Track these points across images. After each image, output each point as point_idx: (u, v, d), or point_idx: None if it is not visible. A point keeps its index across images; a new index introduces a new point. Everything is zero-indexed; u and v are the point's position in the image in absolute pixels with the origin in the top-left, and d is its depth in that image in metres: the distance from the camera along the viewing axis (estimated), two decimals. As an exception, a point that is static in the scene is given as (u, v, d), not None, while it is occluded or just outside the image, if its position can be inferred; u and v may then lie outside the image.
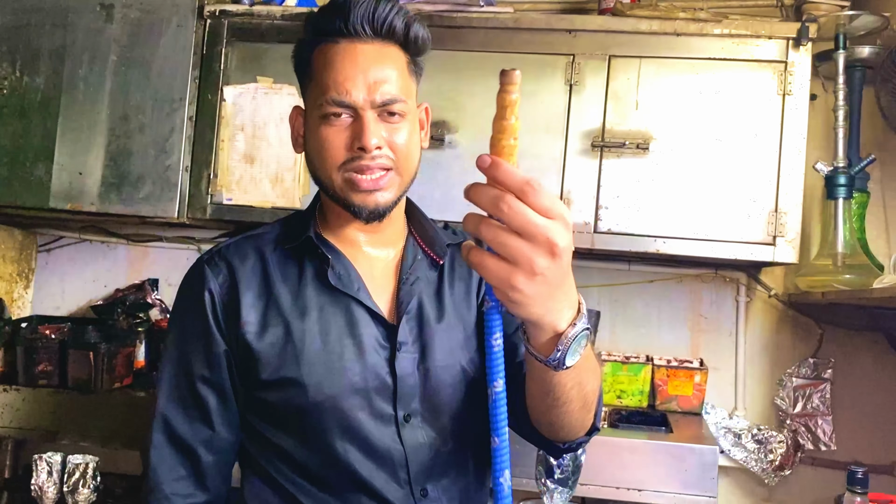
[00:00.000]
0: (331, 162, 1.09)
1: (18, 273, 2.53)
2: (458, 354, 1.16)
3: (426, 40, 1.15)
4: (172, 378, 1.14)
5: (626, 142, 1.93)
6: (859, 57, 2.03)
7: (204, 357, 1.12)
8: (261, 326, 1.10)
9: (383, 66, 1.09)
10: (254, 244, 1.16)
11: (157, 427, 1.13)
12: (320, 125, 1.09)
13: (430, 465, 1.12)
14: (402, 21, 1.11)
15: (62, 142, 2.05)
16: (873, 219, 2.15)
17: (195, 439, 1.13)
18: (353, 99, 1.07)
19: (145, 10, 2.06)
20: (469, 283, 1.23)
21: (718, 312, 2.32)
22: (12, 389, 2.06)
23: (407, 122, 1.11)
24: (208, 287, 1.12)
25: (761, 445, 2.20)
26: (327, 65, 1.09)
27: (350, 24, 1.08)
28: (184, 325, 1.15)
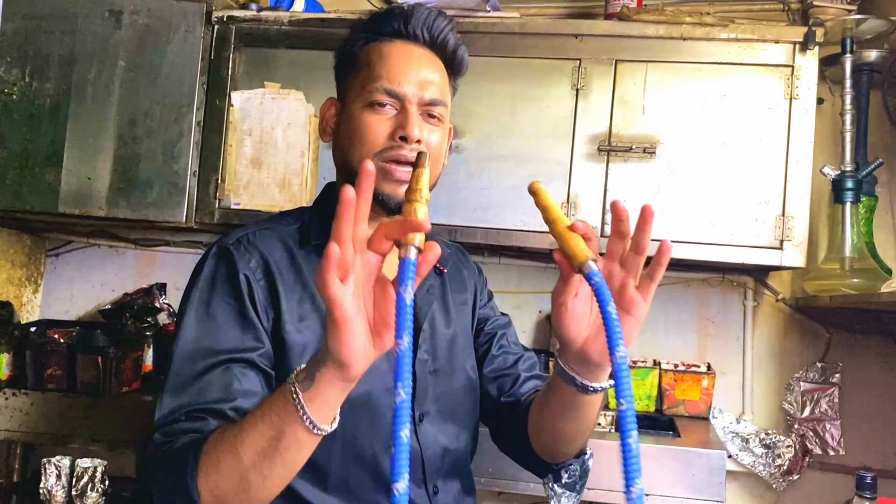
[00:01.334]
0: (368, 147, 1.11)
1: (27, 277, 2.54)
2: (461, 360, 1.24)
3: (466, 65, 1.22)
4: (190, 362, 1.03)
5: (633, 146, 1.93)
6: (866, 61, 2.03)
7: (236, 336, 1.04)
8: (299, 317, 1.09)
9: (434, 70, 1.15)
10: (277, 236, 1.15)
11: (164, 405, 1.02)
12: (363, 112, 1.12)
13: (440, 464, 1.17)
14: (454, 39, 1.18)
15: (71, 147, 2.06)
16: (881, 222, 2.14)
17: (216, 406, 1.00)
18: (403, 90, 1.11)
19: (154, 16, 2.07)
20: (465, 293, 1.31)
21: (726, 317, 2.32)
22: (21, 393, 2.07)
23: (443, 128, 1.16)
24: (242, 271, 1.07)
25: (769, 450, 2.19)
26: (381, 58, 1.13)
27: (410, 27, 1.14)
28: (208, 308, 1.06)
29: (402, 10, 1.15)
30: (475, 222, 1.98)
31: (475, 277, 1.38)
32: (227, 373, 1.01)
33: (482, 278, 1.40)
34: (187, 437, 0.94)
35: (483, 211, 1.99)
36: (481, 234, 1.99)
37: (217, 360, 1.02)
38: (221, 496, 0.87)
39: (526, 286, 2.38)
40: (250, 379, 1.03)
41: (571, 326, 0.95)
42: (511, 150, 1.99)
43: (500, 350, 1.31)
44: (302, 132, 2.06)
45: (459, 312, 1.27)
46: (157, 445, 0.97)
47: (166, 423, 0.99)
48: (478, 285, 1.37)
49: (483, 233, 1.99)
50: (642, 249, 0.90)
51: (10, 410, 2.06)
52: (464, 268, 1.36)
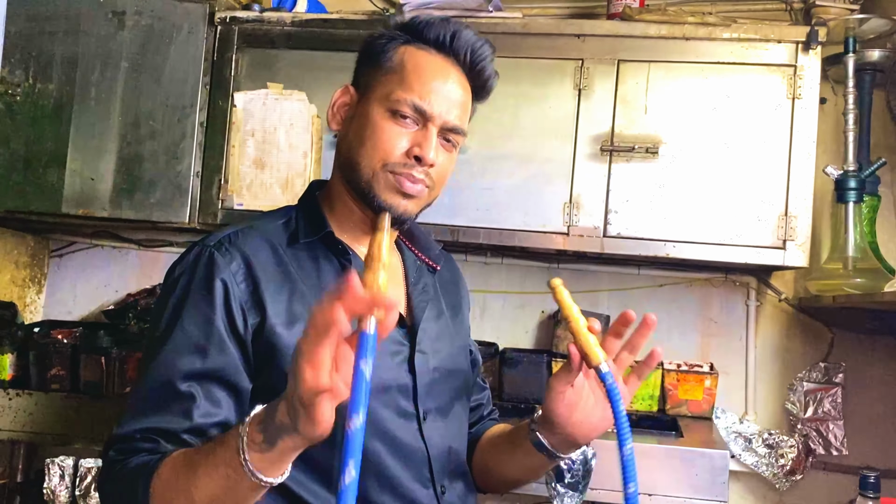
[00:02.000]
0: (380, 156, 1.08)
1: (31, 278, 2.54)
2: (458, 360, 1.25)
3: (489, 94, 1.19)
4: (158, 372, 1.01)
5: (636, 146, 1.93)
6: (869, 60, 2.02)
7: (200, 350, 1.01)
8: (288, 318, 1.05)
9: (463, 97, 1.12)
10: (262, 236, 1.11)
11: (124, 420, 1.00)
12: (385, 117, 1.08)
13: (446, 463, 1.16)
14: (491, 69, 1.15)
15: (74, 148, 2.07)
16: (884, 222, 2.14)
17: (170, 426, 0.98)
18: (430, 110, 1.08)
19: (156, 17, 2.08)
20: (458, 298, 1.33)
21: (728, 317, 2.32)
22: (25, 394, 2.08)
23: (455, 154, 1.15)
24: (221, 276, 1.03)
25: (772, 450, 2.19)
26: (419, 67, 1.10)
27: (455, 44, 1.11)
28: (181, 317, 1.03)
29: (452, 26, 1.12)
30: (478, 223, 1.98)
31: (466, 287, 1.39)
32: (189, 391, 0.99)
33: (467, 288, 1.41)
34: (138, 460, 0.94)
35: (486, 211, 1.99)
36: (484, 234, 1.99)
37: (182, 375, 0.99)
38: None
39: (529, 286, 2.38)
40: (214, 397, 1.00)
41: (564, 412, 1.06)
42: (513, 150, 1.99)
43: (476, 386, 1.36)
44: (304, 133, 2.06)
45: (453, 316, 1.28)
46: (111, 463, 0.97)
47: (122, 439, 0.98)
48: (467, 295, 1.39)
49: (486, 233, 1.99)
50: (636, 350, 1.01)
51: (13, 411, 2.07)
52: (455, 274, 1.37)
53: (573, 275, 2.33)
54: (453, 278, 1.35)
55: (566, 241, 1.96)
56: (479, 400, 1.37)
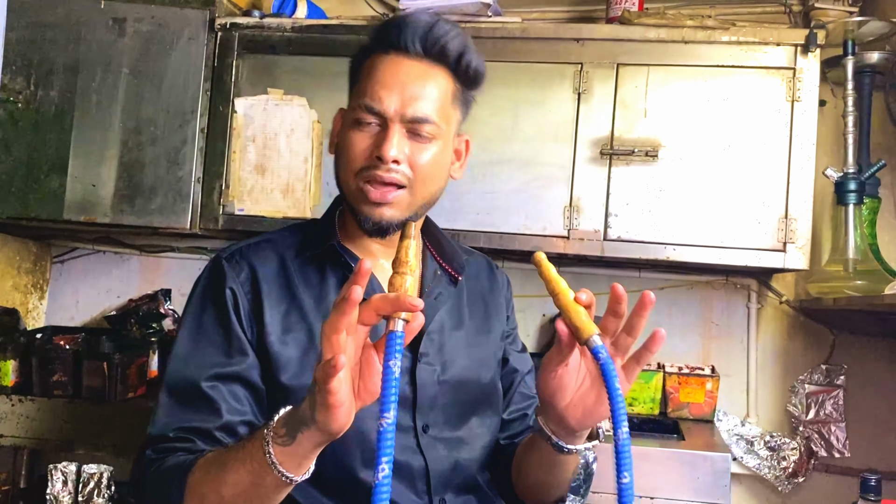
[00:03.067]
0: (350, 166, 1.09)
1: (33, 284, 2.55)
2: (478, 371, 1.20)
3: (479, 72, 1.15)
4: (183, 374, 1.07)
5: (635, 149, 1.94)
6: (868, 62, 2.03)
7: (223, 351, 1.07)
8: (283, 329, 1.09)
9: (423, 85, 1.08)
10: (273, 248, 1.15)
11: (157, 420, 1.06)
12: (349, 129, 1.10)
13: (449, 477, 1.14)
14: (456, 47, 1.10)
15: (76, 154, 2.08)
16: (885, 224, 2.14)
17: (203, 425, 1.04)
18: (383, 107, 1.06)
19: (157, 23, 2.08)
20: (488, 303, 1.28)
21: (729, 319, 2.32)
22: (27, 400, 2.08)
23: (435, 146, 1.10)
24: (229, 285, 1.09)
25: (774, 452, 2.19)
26: (371, 72, 1.09)
27: (402, 39, 1.08)
28: (201, 322, 1.10)
29: (400, 20, 1.10)
30: (478, 226, 1.99)
31: (506, 294, 1.35)
32: (215, 391, 1.04)
33: (511, 297, 1.37)
34: (175, 459, 0.99)
35: (486, 215, 2.00)
36: (484, 238, 1.99)
37: (206, 377, 1.05)
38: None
39: (529, 290, 2.38)
40: (237, 395, 1.06)
41: (556, 393, 0.96)
42: (513, 154, 1.99)
43: (518, 395, 1.31)
44: (305, 138, 2.06)
45: (478, 327, 1.24)
46: (148, 462, 1.02)
47: (158, 439, 1.04)
48: (508, 306, 1.35)
49: (486, 237, 1.99)
50: (635, 332, 0.90)
51: (16, 417, 2.07)
52: (491, 283, 1.33)
53: (574, 278, 2.32)
54: (491, 286, 1.31)
55: (567, 245, 1.96)
56: (523, 410, 1.30)
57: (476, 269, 1.31)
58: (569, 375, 0.95)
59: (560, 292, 0.89)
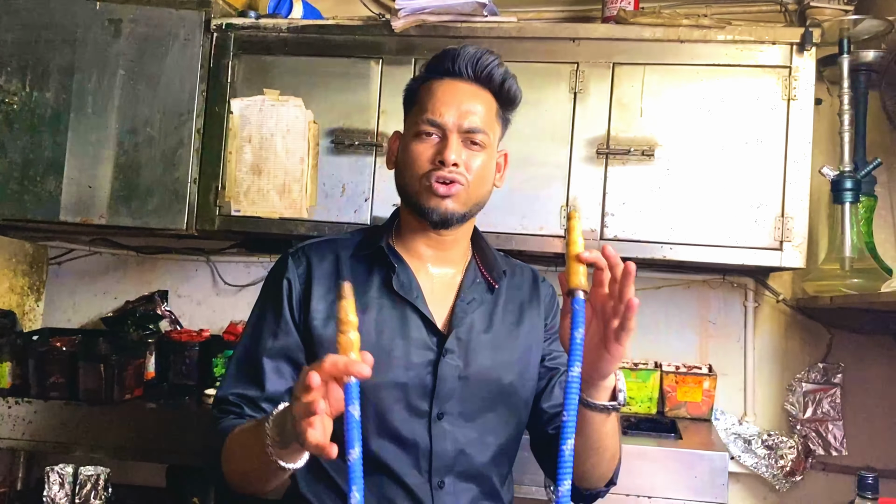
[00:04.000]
0: (416, 170, 1.27)
1: (30, 286, 2.55)
2: (499, 371, 1.30)
3: (517, 96, 1.35)
4: (245, 348, 1.30)
5: (632, 149, 1.94)
6: (864, 61, 2.03)
7: (273, 332, 1.28)
8: (326, 316, 1.27)
9: (475, 102, 1.29)
10: (332, 247, 1.34)
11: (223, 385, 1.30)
12: (413, 141, 1.28)
13: (452, 463, 1.26)
14: (500, 74, 1.31)
15: (72, 156, 2.07)
16: (881, 222, 2.14)
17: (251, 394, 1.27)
18: (444, 120, 1.26)
19: (152, 24, 2.08)
20: (524, 311, 1.38)
21: (727, 318, 2.32)
22: (24, 402, 2.07)
23: (484, 154, 1.29)
24: (287, 276, 1.30)
25: (772, 451, 2.19)
26: (430, 94, 1.29)
27: (456, 66, 1.29)
28: (264, 305, 1.32)
29: (454, 50, 1.31)
30: (475, 226, 1.99)
31: (546, 304, 1.43)
32: (264, 366, 1.27)
33: (555, 305, 1.46)
34: (226, 423, 1.24)
35: (483, 214, 1.94)
36: (481, 238, 1.99)
37: (259, 354, 1.28)
38: (237, 481, 1.20)
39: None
40: (282, 370, 1.28)
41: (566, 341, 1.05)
42: (510, 153, 1.98)
43: (559, 388, 1.37)
44: (301, 138, 2.06)
45: (509, 332, 1.34)
46: (213, 419, 1.28)
47: (220, 401, 1.28)
48: (549, 314, 1.43)
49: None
50: (622, 298, 1.01)
51: (13, 419, 2.07)
52: (532, 293, 1.42)
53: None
54: (531, 296, 1.41)
55: (563, 244, 1.96)
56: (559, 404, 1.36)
57: (520, 279, 1.43)
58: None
59: (570, 243, 0.99)
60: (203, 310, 2.54)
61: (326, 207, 2.05)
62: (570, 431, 0.94)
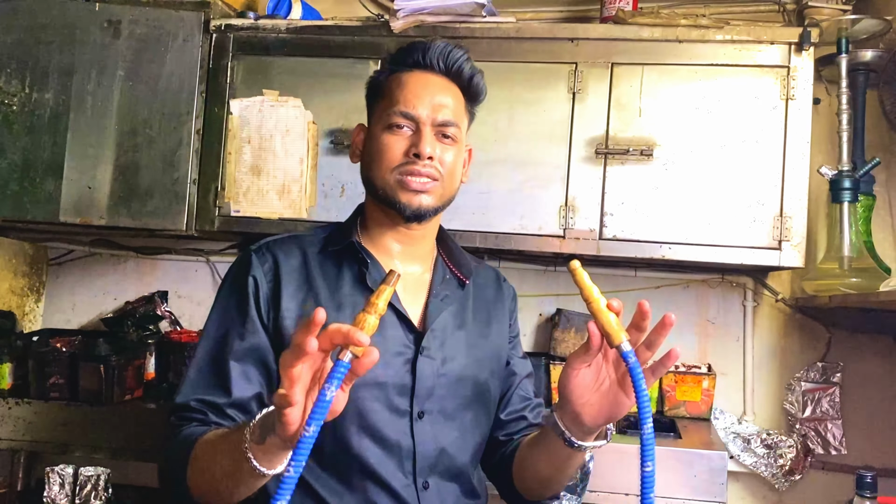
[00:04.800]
0: (386, 164, 1.23)
1: (30, 287, 2.55)
2: (474, 369, 1.30)
3: (483, 91, 1.33)
4: (207, 351, 1.23)
5: (630, 149, 1.94)
6: (862, 60, 2.03)
7: (238, 334, 1.21)
8: (298, 315, 1.22)
9: (447, 95, 1.27)
10: (298, 243, 1.29)
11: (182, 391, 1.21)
12: (384, 133, 1.25)
13: (435, 462, 1.24)
14: (469, 68, 1.30)
15: (71, 156, 2.07)
16: (880, 221, 2.15)
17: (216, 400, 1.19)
18: (417, 113, 1.23)
19: (152, 25, 2.08)
20: (491, 311, 1.38)
21: (726, 317, 2.32)
22: (24, 402, 2.08)
23: (456, 148, 1.27)
24: (252, 273, 1.24)
25: (771, 450, 2.19)
26: (401, 86, 1.26)
27: (427, 58, 1.27)
28: (226, 305, 1.25)
29: (423, 43, 1.29)
30: (474, 226, 1.99)
31: (509, 305, 1.44)
32: (229, 370, 1.19)
33: (515, 308, 1.47)
34: (188, 430, 1.14)
35: (482, 215, 2.00)
36: (480, 237, 2.00)
37: (223, 356, 1.20)
38: (202, 492, 1.09)
39: (526, 289, 2.39)
40: (249, 374, 1.20)
41: (576, 390, 1.06)
42: (509, 154, 2.00)
43: (516, 397, 1.40)
44: (300, 139, 2.07)
45: (480, 330, 1.34)
46: (170, 427, 1.19)
47: (180, 407, 1.19)
48: (511, 316, 1.44)
49: (482, 237, 2.00)
50: (654, 348, 1.01)
51: (13, 420, 2.07)
52: (496, 293, 1.42)
53: (570, 277, 2.32)
54: (496, 296, 1.42)
55: (562, 244, 1.96)
56: (520, 411, 1.39)
57: (484, 278, 1.42)
58: (590, 375, 1.06)
59: (594, 299, 0.97)
60: (203, 310, 2.54)
61: (326, 208, 2.05)
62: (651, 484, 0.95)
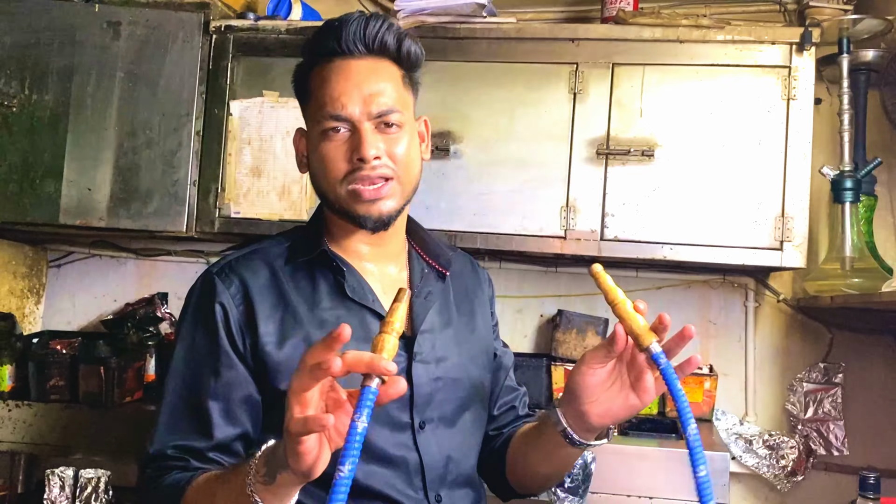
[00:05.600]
0: (333, 176, 1.11)
1: (29, 289, 2.54)
2: (469, 368, 1.22)
3: (419, 55, 1.18)
4: (178, 392, 1.12)
5: (631, 149, 1.94)
6: (863, 60, 2.03)
7: (212, 369, 1.10)
8: (279, 337, 1.10)
9: (377, 80, 1.12)
10: (262, 258, 1.17)
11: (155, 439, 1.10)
12: (320, 141, 1.12)
13: (444, 473, 1.16)
14: (394, 37, 1.14)
15: (71, 158, 2.07)
16: (881, 222, 2.14)
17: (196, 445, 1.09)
18: (348, 112, 1.10)
19: (151, 26, 2.08)
20: (473, 301, 1.30)
21: (727, 318, 2.32)
22: (24, 405, 2.07)
23: (404, 133, 1.14)
24: (219, 300, 1.11)
25: (773, 451, 2.19)
26: (323, 83, 1.12)
27: (343, 43, 1.12)
28: (193, 339, 1.13)
29: (334, 25, 1.14)
30: (475, 227, 1.99)
31: (487, 292, 1.37)
32: (207, 411, 1.08)
33: (493, 293, 1.40)
34: (171, 478, 1.03)
35: (482, 216, 1.99)
36: (481, 238, 1.99)
37: (199, 396, 1.09)
38: None
39: (527, 290, 2.38)
40: (230, 412, 1.09)
41: (587, 389, 1.01)
42: (510, 154, 1.99)
43: (506, 388, 1.34)
44: (301, 140, 2.06)
45: (466, 323, 1.26)
46: (149, 479, 1.07)
47: (156, 458, 1.08)
48: (492, 303, 1.37)
49: (483, 238, 1.99)
50: (671, 356, 0.95)
51: (13, 422, 2.07)
52: (474, 280, 1.34)
53: (571, 278, 2.33)
54: (473, 284, 1.33)
55: (563, 245, 1.96)
56: (510, 402, 1.34)
57: (460, 266, 1.32)
58: (604, 374, 1.01)
59: (619, 302, 0.95)
60: (203, 312, 2.54)
61: (326, 209, 2.05)
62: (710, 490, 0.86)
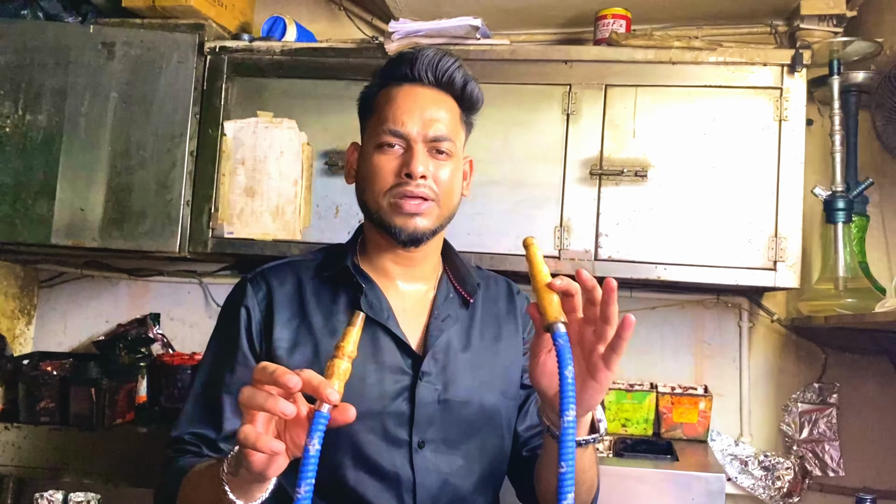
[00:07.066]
0: (380, 186, 1.18)
1: (20, 309, 2.53)
2: (480, 392, 1.22)
3: (479, 98, 1.28)
4: (202, 384, 1.22)
5: (625, 169, 1.94)
6: (854, 82, 2.04)
7: (230, 366, 1.19)
8: (292, 344, 1.18)
9: (438, 109, 1.21)
10: (293, 269, 1.25)
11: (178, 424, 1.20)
12: (374, 153, 1.20)
13: (438, 494, 1.17)
14: (461, 76, 1.24)
15: (64, 178, 2.06)
16: (874, 242, 2.15)
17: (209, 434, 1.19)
18: (407, 130, 1.18)
19: (146, 47, 2.09)
20: (502, 326, 1.31)
21: (721, 338, 2.32)
22: (14, 427, 2.05)
23: (452, 163, 1.21)
24: (245, 304, 1.21)
25: (768, 472, 2.18)
26: (389, 101, 1.21)
27: (415, 70, 1.21)
28: (220, 337, 1.24)
29: (411, 54, 1.22)
30: (469, 247, 1.98)
31: (522, 317, 1.35)
32: (221, 404, 1.18)
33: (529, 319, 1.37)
34: (182, 462, 1.14)
35: (477, 236, 1.99)
36: (475, 259, 1.97)
37: (215, 390, 1.19)
38: None
39: (521, 311, 2.38)
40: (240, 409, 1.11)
41: (542, 380, 0.99)
42: (504, 175, 2.00)
43: (535, 408, 1.32)
44: (295, 161, 2.06)
45: (488, 348, 1.26)
46: (168, 459, 1.19)
47: (175, 441, 1.19)
48: (526, 327, 1.35)
49: (477, 258, 1.99)
50: (609, 319, 0.91)
51: (2, 444, 2.04)
52: (508, 306, 1.34)
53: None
54: (508, 309, 1.33)
55: (557, 265, 1.96)
56: (539, 427, 1.31)
57: (495, 291, 1.35)
58: (553, 361, 0.94)
59: (536, 275, 0.91)
60: (195, 332, 2.52)
61: (320, 229, 2.04)
62: (570, 486, 0.80)
